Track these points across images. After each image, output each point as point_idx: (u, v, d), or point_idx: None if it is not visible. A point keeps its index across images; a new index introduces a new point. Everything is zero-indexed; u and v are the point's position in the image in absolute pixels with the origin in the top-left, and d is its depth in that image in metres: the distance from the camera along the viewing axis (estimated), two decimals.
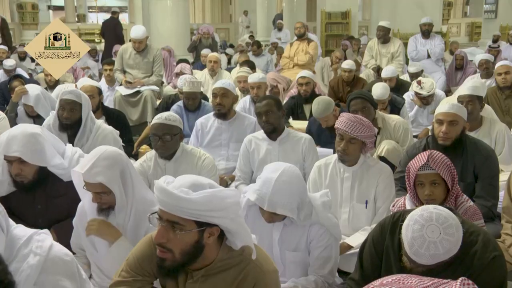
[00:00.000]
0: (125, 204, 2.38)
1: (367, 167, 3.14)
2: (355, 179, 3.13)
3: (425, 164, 2.49)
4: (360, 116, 3.12)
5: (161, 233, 1.76)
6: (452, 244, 1.86)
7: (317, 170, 3.26)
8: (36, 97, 4.70)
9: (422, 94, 5.66)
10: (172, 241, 1.76)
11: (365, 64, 8.48)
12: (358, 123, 3.00)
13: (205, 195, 1.73)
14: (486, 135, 3.97)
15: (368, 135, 3.01)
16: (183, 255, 1.78)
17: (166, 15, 10.64)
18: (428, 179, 2.51)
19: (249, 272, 1.86)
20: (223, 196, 1.77)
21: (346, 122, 3.02)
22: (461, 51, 8.48)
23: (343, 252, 2.96)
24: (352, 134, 2.99)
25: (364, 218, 3.13)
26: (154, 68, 6.60)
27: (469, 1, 25.58)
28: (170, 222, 1.75)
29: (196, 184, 1.78)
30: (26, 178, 2.74)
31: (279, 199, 2.37)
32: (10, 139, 2.67)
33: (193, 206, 1.71)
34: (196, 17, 26.23)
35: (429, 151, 2.56)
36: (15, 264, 1.61)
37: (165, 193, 1.73)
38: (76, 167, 2.36)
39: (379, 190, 3.10)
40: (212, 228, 1.79)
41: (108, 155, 2.34)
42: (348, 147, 3.03)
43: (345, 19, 13.45)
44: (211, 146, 4.29)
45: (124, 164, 2.38)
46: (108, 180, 2.30)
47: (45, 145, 2.79)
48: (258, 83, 5.18)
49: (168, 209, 1.74)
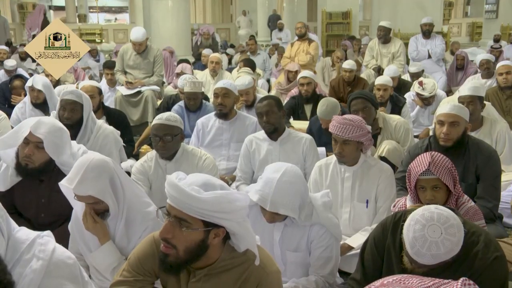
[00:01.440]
0: (117, 211, 2.39)
1: (368, 166, 3.14)
2: (356, 179, 3.13)
3: (427, 170, 2.48)
4: (350, 117, 3.09)
5: (167, 228, 1.76)
6: (454, 244, 1.86)
7: (318, 170, 3.27)
8: (45, 83, 4.94)
9: (423, 95, 5.66)
10: (177, 238, 1.76)
11: (366, 64, 8.48)
12: (348, 124, 2.99)
13: (215, 196, 1.73)
14: (487, 135, 3.97)
15: (360, 134, 3.01)
16: (186, 253, 1.78)
17: (167, 15, 10.64)
18: (430, 184, 2.50)
19: (252, 272, 1.86)
20: (233, 199, 1.76)
21: (336, 125, 3.02)
22: (462, 51, 8.47)
23: (344, 253, 2.96)
24: (344, 137, 3.00)
25: (365, 218, 3.13)
26: (155, 69, 6.59)
27: (470, 1, 25.56)
28: (178, 218, 1.75)
29: (208, 184, 1.78)
30: (33, 163, 2.78)
31: (281, 199, 2.37)
32: (41, 122, 2.79)
33: (202, 205, 1.72)
34: (197, 17, 26.24)
35: (431, 153, 2.55)
36: (19, 269, 1.60)
37: (176, 189, 1.73)
38: (64, 180, 2.35)
39: (380, 189, 3.10)
40: (219, 229, 1.79)
41: (95, 165, 2.33)
42: (344, 149, 3.04)
43: (346, 19, 13.46)
44: (212, 146, 4.29)
45: (112, 170, 2.38)
46: (98, 191, 2.31)
47: (66, 144, 2.90)
48: (246, 90, 5.04)
49: (177, 205, 1.74)
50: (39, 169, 2.82)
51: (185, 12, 10.99)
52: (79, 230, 2.48)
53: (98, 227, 2.40)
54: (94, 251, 2.43)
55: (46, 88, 4.93)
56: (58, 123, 2.94)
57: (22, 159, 2.78)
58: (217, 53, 8.27)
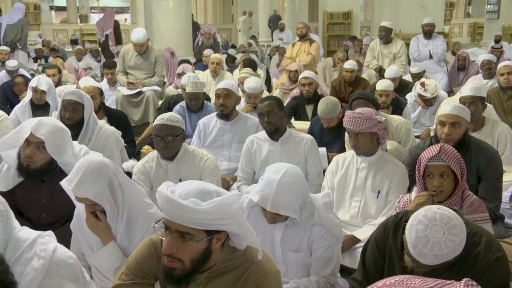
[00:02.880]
0: (116, 213, 2.38)
1: (384, 161, 3.24)
2: (371, 170, 3.22)
3: (436, 155, 2.54)
4: (361, 109, 3.22)
5: (170, 244, 1.72)
6: (456, 244, 1.86)
7: (335, 162, 3.40)
8: (49, 84, 4.96)
9: (425, 96, 5.66)
10: (182, 251, 1.73)
11: (367, 64, 8.48)
12: (358, 118, 3.14)
13: (215, 205, 1.70)
14: (489, 136, 3.96)
15: (371, 125, 3.13)
16: (193, 264, 1.76)
17: (168, 15, 10.64)
18: (438, 171, 2.56)
19: (252, 273, 1.86)
20: (230, 203, 1.75)
21: (348, 120, 3.18)
22: (463, 52, 8.46)
23: (350, 245, 3.02)
24: (356, 130, 3.13)
25: (374, 208, 3.20)
26: (156, 69, 6.60)
27: (471, 2, 25.55)
28: (180, 233, 1.72)
29: (203, 192, 1.75)
30: (34, 164, 2.79)
31: (282, 200, 2.37)
32: (42, 123, 2.79)
33: (203, 216, 1.69)
34: (198, 17, 26.24)
35: (441, 144, 2.61)
36: (20, 267, 1.61)
37: (173, 204, 1.69)
38: (64, 180, 2.35)
39: (393, 184, 3.17)
40: (220, 234, 1.78)
41: (94, 167, 2.32)
42: (358, 141, 3.17)
43: (347, 20, 13.46)
44: (214, 147, 4.29)
45: (111, 173, 2.36)
46: (95, 194, 2.30)
47: (67, 144, 2.90)
48: (256, 94, 4.90)
49: (177, 219, 1.70)
50: (41, 170, 2.82)
51: (186, 12, 10.99)
52: (82, 229, 2.47)
53: (101, 227, 2.39)
54: (96, 251, 2.43)
55: (49, 89, 4.94)
56: (58, 123, 2.93)
57: (23, 160, 2.79)
58: (218, 54, 8.27)
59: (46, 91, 4.93)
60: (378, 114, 4.12)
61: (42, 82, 4.91)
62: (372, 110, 3.25)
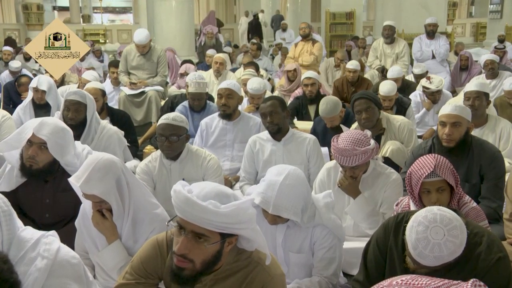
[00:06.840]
0: (122, 211, 2.38)
1: (377, 174, 3.10)
2: (364, 186, 3.08)
3: (432, 172, 2.45)
4: (350, 143, 2.91)
5: (184, 244, 1.71)
6: (457, 245, 1.85)
7: (327, 173, 3.23)
8: (49, 84, 4.95)
9: (430, 89, 5.67)
10: (195, 252, 1.72)
11: (370, 64, 8.47)
12: (353, 155, 2.89)
13: (233, 208, 1.70)
14: (491, 131, 4.00)
15: (367, 157, 2.93)
16: (203, 265, 1.76)
17: (171, 15, 10.65)
18: (435, 186, 2.48)
19: (257, 275, 1.86)
20: (246, 207, 1.75)
21: (340, 158, 2.93)
22: (466, 52, 8.45)
23: None
24: (351, 165, 2.94)
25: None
26: (159, 69, 6.60)
27: (474, 1, 25.50)
28: (195, 233, 1.71)
29: (222, 195, 1.74)
30: (37, 164, 2.79)
31: (283, 202, 2.36)
32: (44, 123, 2.80)
33: (222, 219, 1.68)
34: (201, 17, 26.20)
35: (433, 156, 2.52)
36: (23, 267, 1.61)
37: (191, 205, 1.68)
38: (72, 177, 2.36)
39: (385, 195, 3.06)
40: (232, 238, 1.79)
41: (102, 165, 2.32)
42: (354, 172, 3.01)
43: (350, 20, 13.44)
44: (216, 147, 4.29)
45: (119, 171, 2.36)
46: (103, 192, 2.30)
47: (69, 144, 2.91)
48: (259, 95, 4.88)
49: (194, 220, 1.69)
50: (44, 170, 2.82)
51: (189, 12, 11.00)
52: (87, 227, 2.47)
53: (107, 225, 2.39)
54: (101, 250, 2.43)
55: (50, 88, 4.95)
56: (60, 123, 2.94)
57: (26, 160, 2.79)
58: (221, 54, 8.27)
59: (46, 91, 4.93)
60: (380, 114, 4.12)
61: (42, 82, 4.91)
62: (362, 133, 3.00)
